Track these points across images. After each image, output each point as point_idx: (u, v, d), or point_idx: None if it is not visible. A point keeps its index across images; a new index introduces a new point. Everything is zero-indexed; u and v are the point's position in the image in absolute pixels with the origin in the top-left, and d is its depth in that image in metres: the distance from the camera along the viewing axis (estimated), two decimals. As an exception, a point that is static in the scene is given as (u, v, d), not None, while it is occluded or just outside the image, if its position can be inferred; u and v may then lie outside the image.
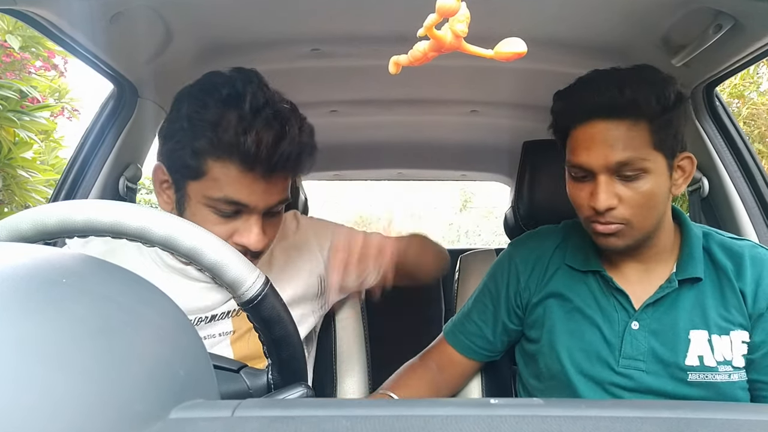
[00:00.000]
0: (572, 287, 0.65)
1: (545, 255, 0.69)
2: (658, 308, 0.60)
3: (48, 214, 0.33)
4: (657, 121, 0.55)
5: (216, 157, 0.52)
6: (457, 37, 0.27)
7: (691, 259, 0.61)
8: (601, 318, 0.62)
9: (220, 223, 0.54)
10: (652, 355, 0.59)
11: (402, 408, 0.20)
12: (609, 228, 0.58)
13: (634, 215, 0.57)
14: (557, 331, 0.64)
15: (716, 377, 0.58)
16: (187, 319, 0.27)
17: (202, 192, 0.54)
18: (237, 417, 0.21)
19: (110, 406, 0.19)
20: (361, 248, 0.59)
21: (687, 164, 0.60)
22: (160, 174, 0.58)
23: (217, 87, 0.54)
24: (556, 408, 0.18)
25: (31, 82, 2.09)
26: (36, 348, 0.18)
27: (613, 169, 0.56)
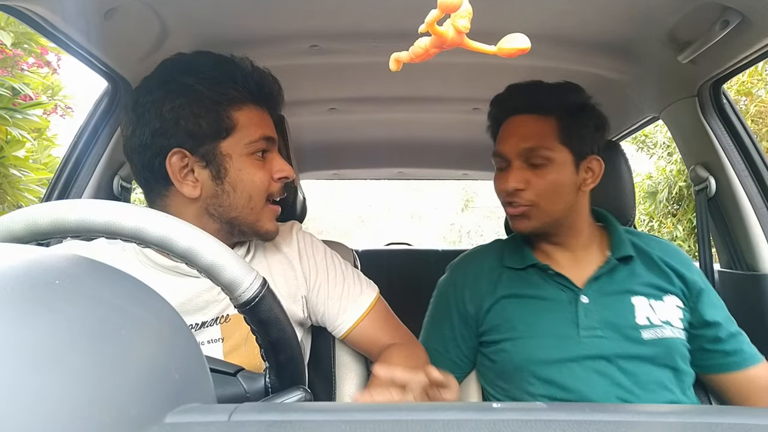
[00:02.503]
0: (517, 285, 0.71)
1: (484, 266, 0.75)
2: (599, 283, 0.69)
3: (41, 214, 0.32)
4: (562, 120, 0.66)
5: (238, 107, 0.58)
6: (459, 33, 0.27)
7: (621, 242, 0.71)
8: (551, 303, 0.69)
9: (262, 167, 0.60)
10: (606, 323, 0.66)
11: (402, 412, 0.20)
12: (517, 210, 0.68)
13: (539, 198, 0.67)
14: (517, 325, 0.69)
15: (665, 333, 0.65)
16: (183, 321, 0.26)
17: (241, 142, 0.58)
18: (234, 421, 0.20)
19: (105, 411, 0.18)
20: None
21: (595, 166, 0.70)
22: (178, 161, 0.56)
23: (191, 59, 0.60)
24: (559, 412, 0.18)
25: (23, 79, 2.07)
26: (28, 351, 0.18)
27: (524, 156, 0.67)
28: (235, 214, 0.59)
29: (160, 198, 0.60)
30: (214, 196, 0.58)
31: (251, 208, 0.59)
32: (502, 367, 0.70)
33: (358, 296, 0.69)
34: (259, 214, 0.60)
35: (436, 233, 7.68)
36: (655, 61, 0.86)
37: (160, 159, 0.56)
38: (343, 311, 0.67)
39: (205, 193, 0.58)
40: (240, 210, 0.59)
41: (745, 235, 0.86)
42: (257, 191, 0.59)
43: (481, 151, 1.55)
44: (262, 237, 0.62)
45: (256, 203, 0.59)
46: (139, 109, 0.57)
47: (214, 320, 0.61)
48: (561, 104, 0.68)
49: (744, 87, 3.34)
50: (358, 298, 0.69)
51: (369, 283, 0.71)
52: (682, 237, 3.95)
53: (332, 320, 0.68)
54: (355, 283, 0.70)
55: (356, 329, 0.67)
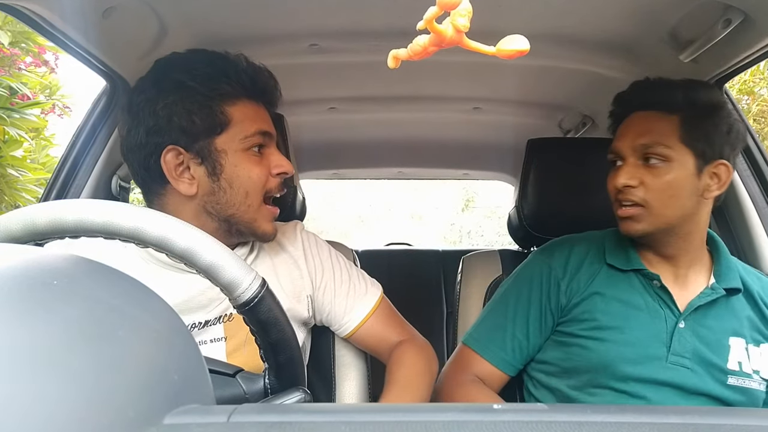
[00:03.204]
0: (616, 285, 0.66)
1: (583, 257, 0.70)
2: (700, 312, 0.64)
3: (38, 214, 0.32)
4: (686, 118, 0.62)
5: (233, 101, 0.57)
6: (459, 32, 0.27)
7: (729, 270, 0.66)
8: (649, 315, 0.64)
9: (259, 163, 0.59)
10: (697, 355, 0.62)
11: (402, 413, 0.20)
12: (627, 211, 0.64)
13: (652, 198, 0.62)
14: (605, 325, 0.64)
15: (752, 384, 0.62)
16: (182, 321, 0.26)
17: (236, 137, 0.57)
18: (233, 422, 0.20)
19: (102, 412, 0.18)
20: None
21: (722, 171, 0.64)
22: (173, 158, 0.56)
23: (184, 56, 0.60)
24: (560, 413, 0.18)
25: (21, 78, 2.06)
26: (25, 352, 0.18)
27: (639, 152, 0.63)
28: (232, 211, 0.58)
29: (158, 197, 0.59)
30: (210, 193, 0.57)
31: (248, 206, 0.58)
32: (574, 364, 0.66)
33: (364, 295, 0.69)
34: (256, 212, 0.59)
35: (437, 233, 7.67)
36: (656, 60, 0.85)
37: (156, 157, 0.56)
38: (350, 310, 0.68)
39: (201, 191, 0.57)
40: (237, 207, 0.58)
41: (748, 236, 0.85)
42: (254, 187, 0.58)
43: (482, 151, 1.55)
44: (260, 238, 0.62)
45: (253, 200, 0.58)
46: (134, 109, 0.57)
47: (217, 319, 0.61)
48: (687, 102, 0.63)
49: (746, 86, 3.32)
50: (363, 296, 0.69)
51: (373, 282, 0.72)
52: None
53: (338, 319, 0.68)
54: (360, 282, 0.70)
55: (362, 328, 0.68)
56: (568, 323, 0.68)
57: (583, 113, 1.21)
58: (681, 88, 0.64)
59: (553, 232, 0.87)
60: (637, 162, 0.63)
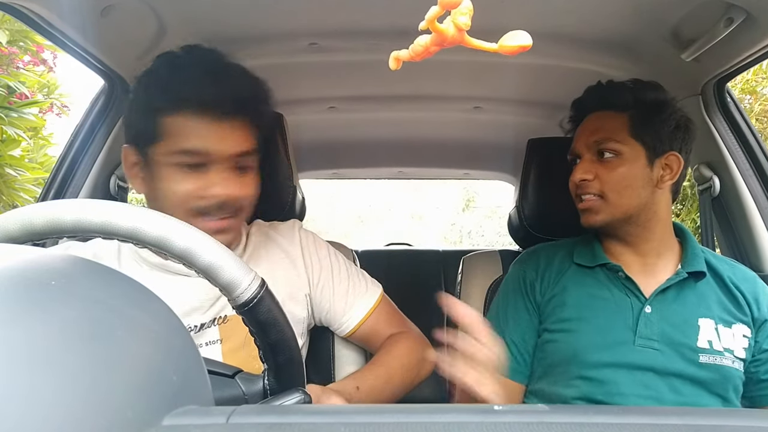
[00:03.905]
0: (583, 281, 0.70)
1: (553, 259, 0.74)
2: (666, 296, 0.67)
3: (36, 214, 0.32)
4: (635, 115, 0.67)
5: (171, 113, 0.56)
6: (460, 31, 0.26)
7: (695, 256, 0.69)
8: (614, 304, 0.67)
9: (186, 180, 0.56)
10: (665, 337, 0.64)
11: (403, 414, 0.20)
12: (586, 204, 0.69)
13: (608, 190, 0.67)
14: (572, 318, 0.68)
15: (724, 361, 0.64)
16: (181, 322, 0.26)
17: (166, 151, 0.57)
18: (232, 424, 0.20)
19: (101, 413, 0.18)
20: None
21: (673, 162, 0.68)
22: (131, 156, 0.59)
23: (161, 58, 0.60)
24: (561, 414, 0.18)
25: (19, 77, 2.06)
26: (23, 352, 0.17)
27: (591, 149, 0.69)
28: None
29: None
30: (151, 198, 0.59)
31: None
32: (549, 360, 0.68)
33: (364, 293, 0.69)
34: None
35: (437, 233, 7.66)
36: (658, 59, 0.85)
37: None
38: (350, 308, 0.67)
39: (146, 194, 0.60)
40: None
41: (749, 235, 0.85)
42: (176, 202, 0.56)
43: (483, 150, 1.55)
44: None
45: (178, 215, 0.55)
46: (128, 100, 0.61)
47: (212, 321, 0.60)
48: (636, 100, 0.68)
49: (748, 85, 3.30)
50: (364, 295, 0.69)
51: (373, 281, 0.71)
52: None
53: (338, 317, 0.68)
54: (360, 281, 0.70)
55: (363, 326, 0.68)
56: (544, 321, 0.71)
57: (584, 113, 1.20)
58: (630, 88, 0.70)
59: (554, 232, 0.87)
60: (593, 158, 0.69)
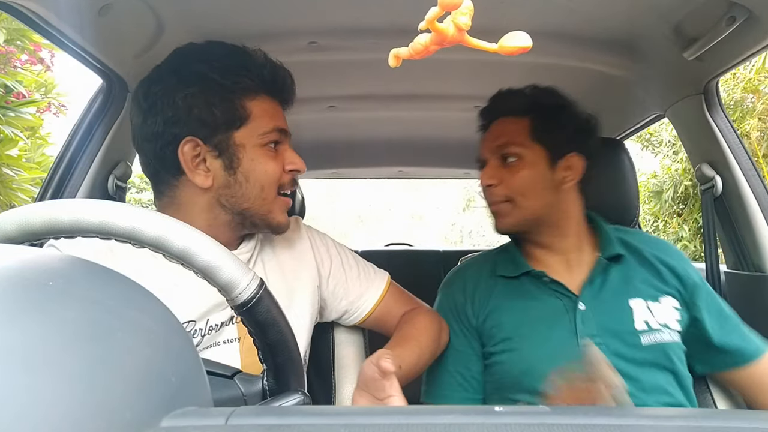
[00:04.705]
0: (511, 294, 0.71)
1: (478, 278, 0.74)
2: (593, 287, 0.68)
3: (33, 214, 0.31)
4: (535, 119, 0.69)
5: (253, 96, 0.58)
6: (460, 31, 0.26)
7: (609, 241, 0.71)
8: (548, 312, 0.68)
9: (274, 158, 0.59)
10: (604, 329, 0.65)
11: (402, 416, 0.19)
12: (494, 207, 0.71)
13: (513, 193, 0.69)
14: (512, 336, 0.68)
15: (664, 338, 0.65)
16: (179, 323, 0.26)
17: (255, 132, 0.58)
18: (231, 425, 0.20)
19: (99, 414, 0.18)
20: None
21: (574, 163, 0.70)
22: (190, 150, 0.56)
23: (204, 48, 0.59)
24: (562, 415, 0.18)
25: (16, 76, 2.05)
26: (21, 353, 0.17)
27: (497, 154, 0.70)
28: (248, 205, 0.59)
29: (170, 188, 0.59)
30: (226, 186, 0.58)
31: (263, 199, 0.59)
32: (500, 380, 0.68)
33: (374, 278, 0.72)
34: (271, 205, 0.60)
35: (437, 233, 7.65)
36: (660, 58, 0.85)
37: (172, 148, 0.56)
38: (365, 292, 0.70)
39: (217, 183, 0.57)
40: (252, 201, 0.59)
41: (752, 235, 0.84)
42: (269, 182, 0.59)
43: None
44: (274, 230, 0.62)
45: (268, 194, 0.59)
46: (151, 98, 0.57)
47: (230, 319, 0.60)
48: (534, 105, 0.71)
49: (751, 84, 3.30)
50: (374, 280, 0.71)
51: (378, 268, 0.74)
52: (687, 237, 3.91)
53: (354, 302, 0.69)
54: (368, 267, 0.72)
55: (377, 310, 0.69)
56: (486, 345, 0.70)
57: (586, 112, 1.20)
58: (528, 94, 0.72)
59: None
60: (497, 163, 0.70)
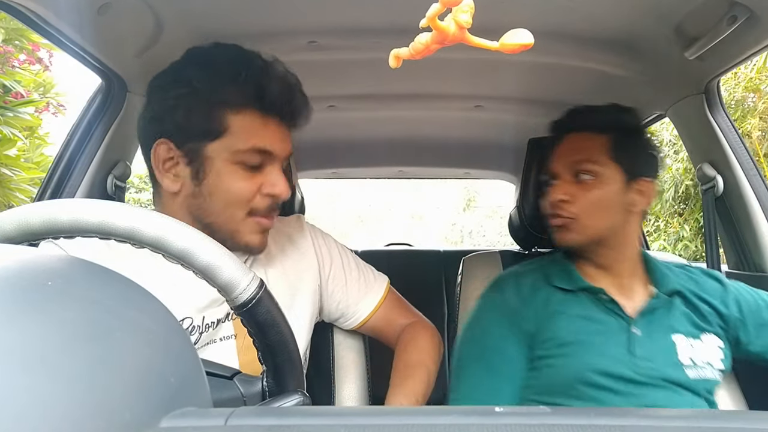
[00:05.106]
0: (568, 305, 0.69)
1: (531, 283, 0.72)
2: (648, 317, 0.68)
3: (32, 213, 0.31)
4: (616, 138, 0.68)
5: (237, 109, 0.54)
6: (461, 29, 0.26)
7: (664, 276, 0.70)
8: (603, 326, 0.67)
9: (248, 178, 0.55)
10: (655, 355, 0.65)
11: (403, 416, 0.19)
12: (558, 221, 0.69)
13: (582, 212, 0.68)
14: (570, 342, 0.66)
15: (707, 375, 0.65)
16: (179, 323, 0.26)
17: (227, 148, 0.54)
18: (230, 426, 0.20)
19: (98, 415, 0.18)
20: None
21: (647, 188, 0.69)
22: (164, 152, 0.55)
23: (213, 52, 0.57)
24: (563, 416, 0.18)
25: (14, 76, 2.04)
26: (20, 354, 0.17)
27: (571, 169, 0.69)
28: (211, 219, 0.56)
29: (156, 184, 0.58)
30: (192, 195, 0.56)
31: (229, 217, 0.55)
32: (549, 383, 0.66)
33: (374, 282, 0.71)
34: (238, 224, 0.56)
35: (438, 233, 7.64)
36: (661, 57, 0.85)
37: (149, 146, 0.56)
38: (363, 297, 0.69)
39: (184, 191, 0.56)
40: (215, 217, 0.55)
41: (753, 235, 0.84)
42: (235, 201, 0.55)
43: (483, 150, 1.55)
44: (244, 250, 0.58)
45: (234, 213, 0.55)
46: (150, 91, 0.57)
47: (227, 316, 0.59)
48: (615, 123, 0.70)
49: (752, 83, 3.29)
50: (374, 284, 0.70)
51: (379, 272, 0.73)
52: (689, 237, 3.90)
53: (351, 307, 0.68)
54: (368, 271, 0.72)
55: (375, 316, 0.69)
56: (538, 347, 0.69)
57: (587, 112, 1.20)
58: (610, 111, 0.72)
59: None
60: (570, 179, 0.69)
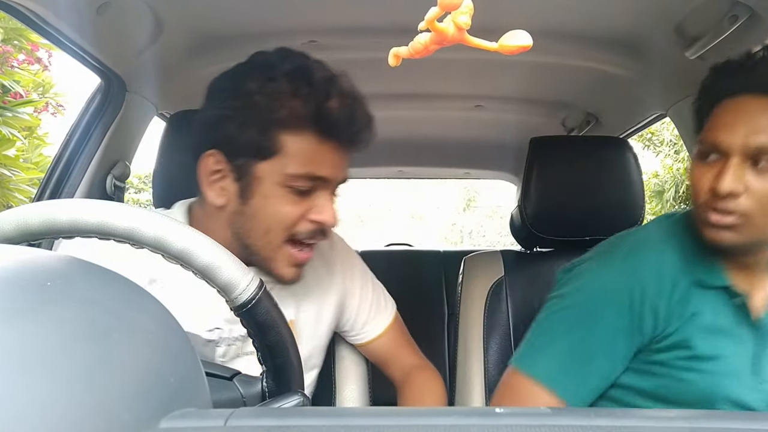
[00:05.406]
0: (706, 305, 0.56)
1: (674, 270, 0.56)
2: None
3: (32, 213, 0.31)
4: None
5: (294, 131, 0.50)
6: (460, 30, 0.26)
7: None
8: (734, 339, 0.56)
9: (296, 203, 0.52)
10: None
11: (403, 417, 0.19)
12: (724, 219, 0.51)
13: (756, 210, 0.50)
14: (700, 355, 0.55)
15: None
16: (178, 323, 0.26)
17: (278, 170, 0.51)
18: (230, 426, 0.20)
19: (97, 416, 0.18)
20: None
21: None
22: (212, 164, 0.52)
23: (277, 62, 0.52)
24: (563, 417, 0.18)
25: (13, 76, 2.04)
26: (18, 354, 0.17)
27: (750, 153, 0.49)
28: (251, 241, 0.53)
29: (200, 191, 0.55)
30: (237, 213, 0.53)
31: (268, 242, 0.53)
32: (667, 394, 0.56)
33: (384, 307, 0.70)
34: (274, 252, 0.53)
35: (438, 233, 7.64)
36: (662, 57, 0.85)
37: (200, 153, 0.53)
38: (372, 319, 0.68)
39: (230, 207, 0.53)
40: (255, 239, 0.53)
41: None
42: (278, 225, 0.52)
43: (484, 149, 1.54)
44: (276, 279, 0.55)
45: (274, 238, 0.52)
46: (209, 93, 0.54)
47: None
48: None
49: None
50: (384, 309, 0.69)
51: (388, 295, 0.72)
52: None
53: (359, 326, 0.68)
54: (380, 293, 0.71)
55: (379, 339, 0.68)
56: (660, 351, 0.56)
57: (587, 111, 1.20)
58: None
59: (557, 232, 0.87)
60: (745, 163, 0.50)
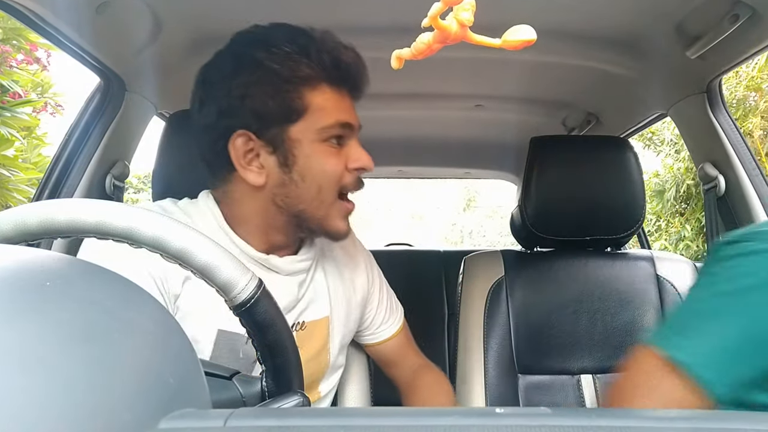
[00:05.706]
0: None
1: None
2: None
3: (30, 213, 0.31)
4: None
5: (313, 86, 0.52)
6: (463, 27, 0.26)
7: None
8: None
9: (336, 154, 0.54)
10: None
11: (403, 417, 0.19)
12: None
13: None
14: None
15: None
16: (178, 323, 0.26)
17: (311, 127, 0.52)
18: (229, 427, 0.20)
19: (96, 416, 0.18)
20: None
21: None
22: (242, 144, 0.51)
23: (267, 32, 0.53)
24: (564, 417, 0.18)
25: (12, 76, 2.04)
26: (17, 354, 0.17)
27: None
28: (303, 206, 0.53)
29: (224, 183, 0.55)
30: (281, 185, 0.52)
31: (321, 201, 0.53)
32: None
33: (396, 308, 0.71)
34: (329, 208, 0.54)
35: (438, 233, 7.64)
36: (662, 56, 0.85)
37: (225, 141, 0.52)
38: (386, 321, 0.69)
39: (271, 182, 0.53)
40: (308, 202, 0.53)
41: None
42: (328, 181, 0.53)
43: (484, 149, 1.54)
44: (332, 236, 0.56)
45: (326, 195, 0.53)
46: (208, 86, 0.53)
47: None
48: None
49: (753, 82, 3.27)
50: (396, 310, 0.71)
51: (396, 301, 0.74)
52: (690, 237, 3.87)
53: (374, 327, 0.69)
54: (392, 296, 0.72)
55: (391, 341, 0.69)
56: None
57: (588, 111, 1.20)
58: None
59: (557, 232, 0.87)
60: None
